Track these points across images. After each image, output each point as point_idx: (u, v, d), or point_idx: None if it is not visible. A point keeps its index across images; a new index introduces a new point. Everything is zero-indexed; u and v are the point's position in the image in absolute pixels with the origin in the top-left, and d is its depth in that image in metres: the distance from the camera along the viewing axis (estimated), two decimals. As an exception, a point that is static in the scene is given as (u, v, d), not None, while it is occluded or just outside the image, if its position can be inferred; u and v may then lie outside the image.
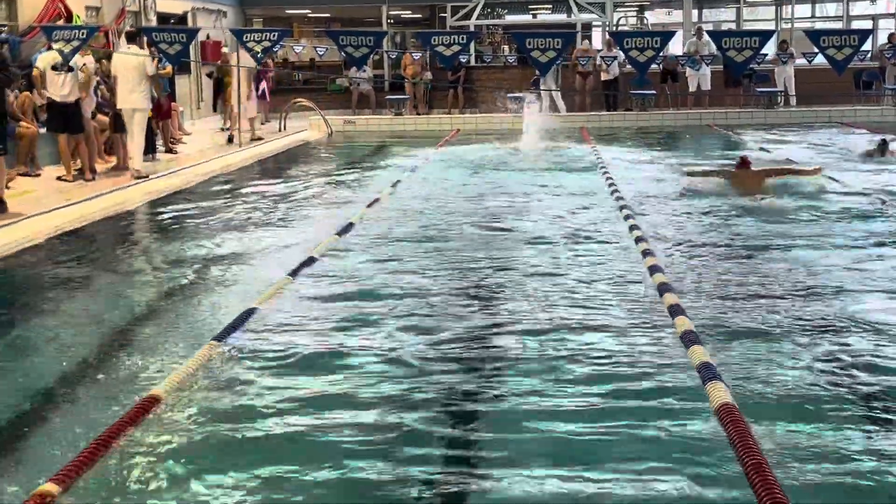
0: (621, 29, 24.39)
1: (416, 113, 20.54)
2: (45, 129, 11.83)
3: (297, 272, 6.29)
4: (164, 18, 18.78)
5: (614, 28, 23.56)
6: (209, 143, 16.13)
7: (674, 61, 19.86)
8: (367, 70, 20.83)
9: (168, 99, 14.62)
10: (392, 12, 25.03)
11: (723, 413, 3.63)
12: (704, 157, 12.93)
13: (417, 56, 20.58)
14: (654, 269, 6.08)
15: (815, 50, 11.35)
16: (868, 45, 17.85)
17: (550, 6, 24.81)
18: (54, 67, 11.15)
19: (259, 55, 13.25)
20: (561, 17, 23.36)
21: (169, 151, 14.27)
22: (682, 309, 5.13)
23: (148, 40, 12.71)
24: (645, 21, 26.75)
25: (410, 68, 20.85)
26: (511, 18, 25.59)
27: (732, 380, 4.11)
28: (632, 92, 19.29)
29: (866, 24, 23.21)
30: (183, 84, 19.06)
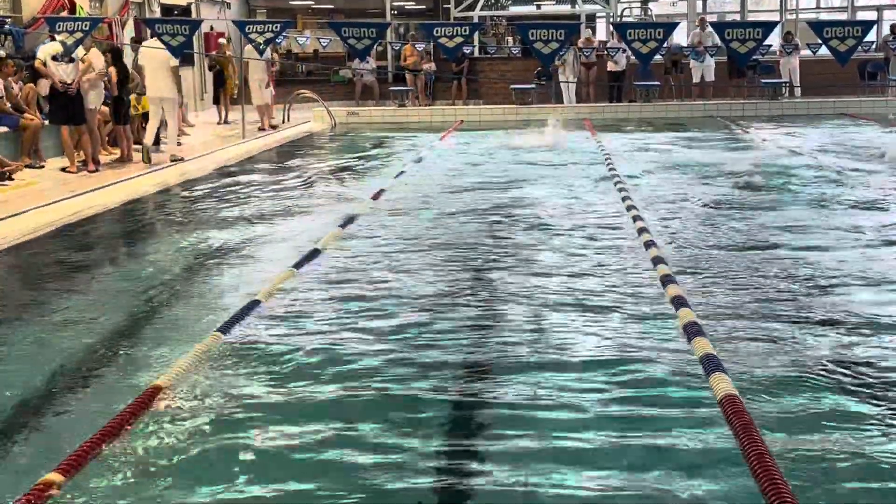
0: (625, 20, 24.32)
1: (419, 104, 20.50)
2: (48, 121, 11.84)
3: (300, 265, 6.30)
4: (167, 9, 18.75)
5: (618, 19, 23.51)
6: (212, 135, 16.13)
7: (679, 52, 19.81)
8: (370, 61, 20.79)
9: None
10: (396, 3, 24.98)
11: (727, 404, 3.63)
12: (710, 149, 12.92)
13: (420, 47, 20.52)
14: (657, 261, 6.09)
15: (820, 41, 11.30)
16: (872, 36, 17.82)
17: (554, -3, 24.81)
18: (55, 58, 11.15)
19: (261, 46, 13.24)
20: (565, 7, 23.31)
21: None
22: (686, 300, 5.13)
23: (151, 32, 12.71)
24: (649, 12, 26.66)
25: (411, 59, 20.80)
26: (515, 9, 25.53)
27: (737, 372, 4.11)
28: (636, 83, 19.25)
29: (871, 15, 23.14)
30: (186, 76, 19.03)
